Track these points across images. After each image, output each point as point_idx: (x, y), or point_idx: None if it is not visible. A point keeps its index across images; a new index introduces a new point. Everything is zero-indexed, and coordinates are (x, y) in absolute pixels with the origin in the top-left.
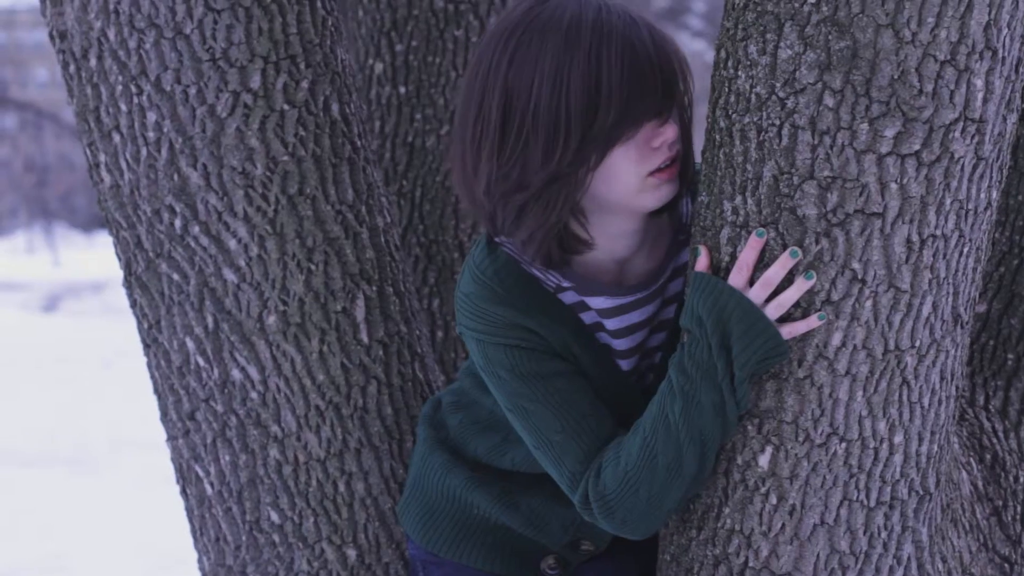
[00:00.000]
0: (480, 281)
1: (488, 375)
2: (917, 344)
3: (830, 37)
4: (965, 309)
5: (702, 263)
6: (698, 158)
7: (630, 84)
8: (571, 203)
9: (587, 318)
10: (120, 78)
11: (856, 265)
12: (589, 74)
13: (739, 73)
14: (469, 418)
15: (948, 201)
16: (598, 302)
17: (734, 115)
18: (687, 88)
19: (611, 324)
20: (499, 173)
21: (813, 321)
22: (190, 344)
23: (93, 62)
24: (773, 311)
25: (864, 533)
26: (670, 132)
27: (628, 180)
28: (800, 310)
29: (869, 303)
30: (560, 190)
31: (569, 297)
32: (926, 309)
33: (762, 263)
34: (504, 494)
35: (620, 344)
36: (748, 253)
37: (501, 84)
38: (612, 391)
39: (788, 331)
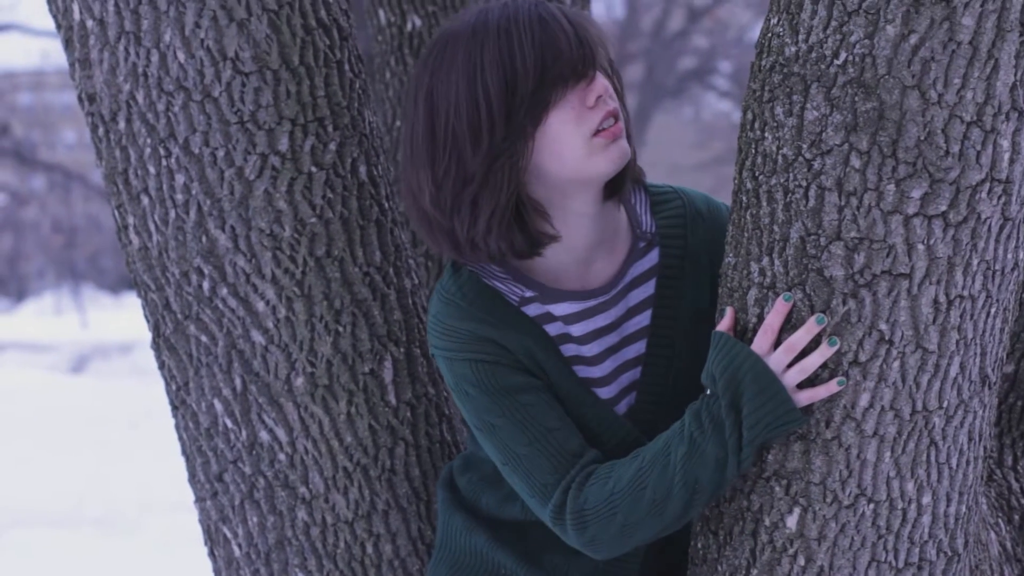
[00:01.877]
0: (445, 299)
1: (458, 394)
2: (945, 405)
3: (856, 98)
4: (993, 369)
5: (725, 323)
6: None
7: (543, 49)
8: (517, 178)
9: (552, 329)
10: (148, 140)
11: (883, 326)
12: (499, 53)
13: (766, 134)
14: (477, 475)
15: (975, 262)
16: (563, 308)
17: (761, 176)
18: (606, 52)
19: (576, 330)
20: (438, 173)
21: (833, 387)
22: (218, 406)
23: (122, 124)
24: (795, 376)
25: None
26: (599, 85)
27: (574, 144)
28: (827, 371)
29: (897, 364)
30: (503, 167)
31: (533, 310)
32: (954, 370)
33: (789, 324)
34: (526, 552)
35: (588, 350)
36: (774, 317)
37: (424, 95)
38: (581, 405)
39: (808, 396)
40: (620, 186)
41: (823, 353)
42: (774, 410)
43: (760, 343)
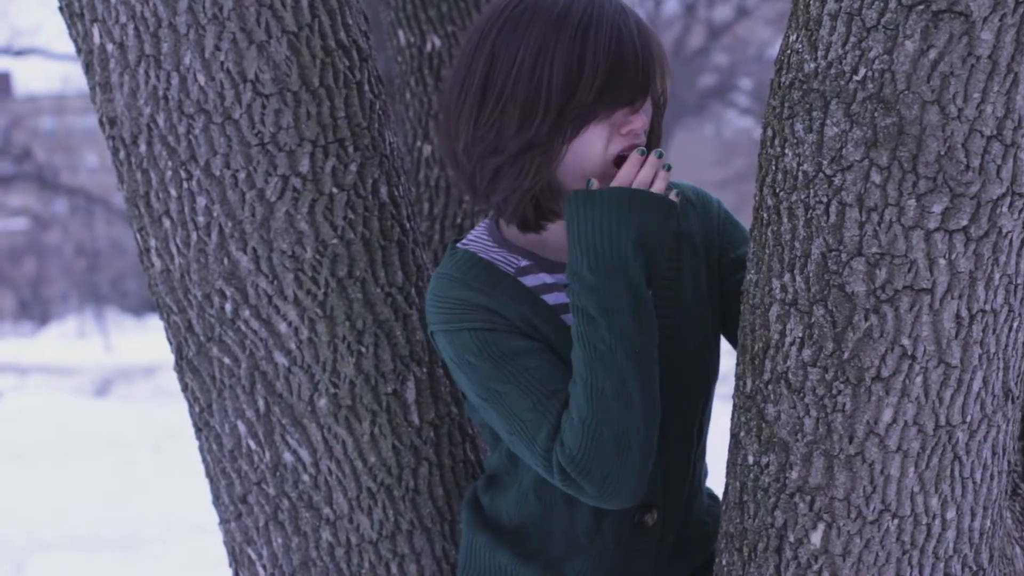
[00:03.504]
0: (441, 275)
1: (460, 367)
2: (968, 419)
3: (876, 114)
4: (1016, 383)
5: None
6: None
7: (612, 66)
8: (545, 173)
9: (552, 299)
10: (170, 163)
11: (906, 341)
12: (572, 51)
13: (786, 151)
14: (497, 489)
15: (997, 276)
16: (562, 278)
17: (781, 193)
18: (663, 85)
19: None
20: (476, 135)
21: (654, 160)
22: (242, 427)
23: (143, 148)
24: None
25: None
26: (639, 122)
27: (594, 161)
28: (850, 386)
29: (919, 379)
30: (535, 158)
31: (531, 280)
32: (976, 384)
33: (811, 340)
34: (549, 566)
35: None
36: (628, 169)
37: (487, 53)
38: None
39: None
40: None
41: (653, 164)
42: (633, 208)
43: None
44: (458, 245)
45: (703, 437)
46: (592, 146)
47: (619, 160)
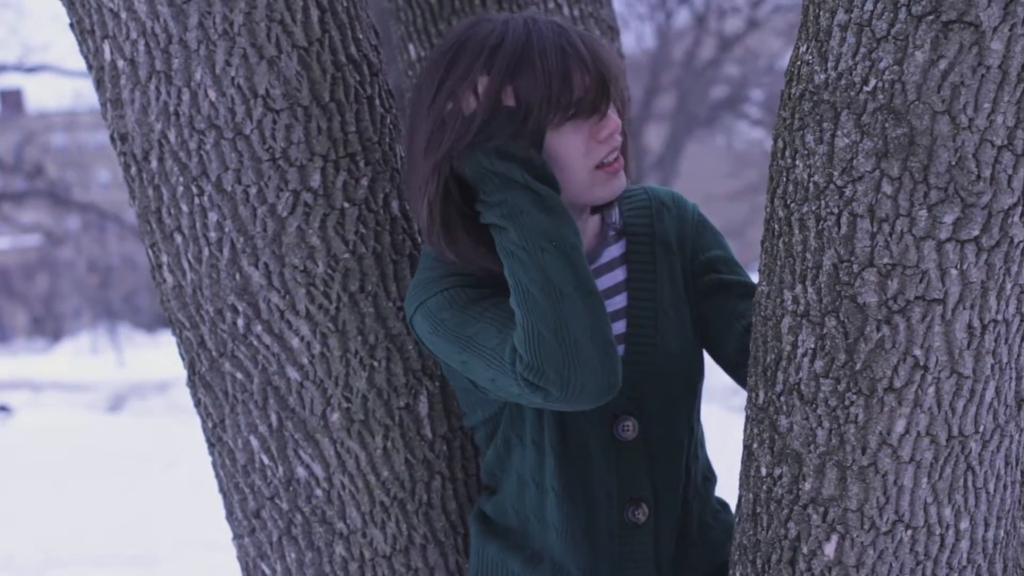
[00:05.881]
0: (416, 275)
1: (436, 330)
2: (981, 429)
3: (887, 125)
4: None
5: None
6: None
7: (562, 83)
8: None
9: None
10: (181, 179)
11: (918, 351)
12: (517, 76)
13: (797, 162)
14: (496, 490)
15: (1009, 286)
16: None
17: (792, 204)
18: (621, 85)
19: None
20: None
21: None
22: (254, 442)
23: (154, 163)
24: None
25: None
26: (612, 123)
27: (578, 172)
28: (863, 397)
29: (932, 389)
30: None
31: None
32: (989, 394)
33: (823, 351)
34: (557, 568)
35: None
36: None
37: (427, 103)
38: None
39: None
40: (610, 207)
41: None
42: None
43: None
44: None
45: (694, 436)
46: (568, 159)
47: (601, 166)
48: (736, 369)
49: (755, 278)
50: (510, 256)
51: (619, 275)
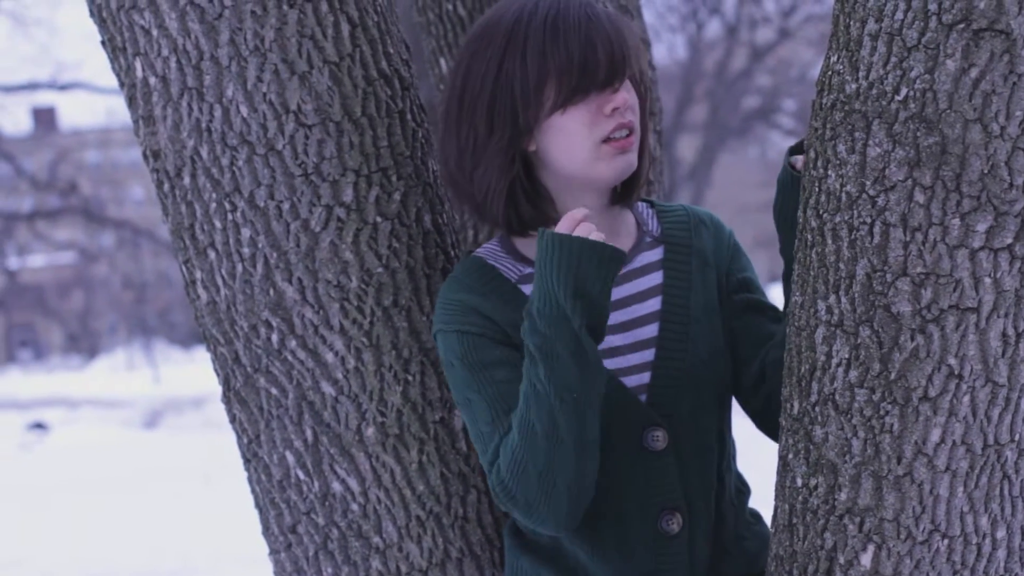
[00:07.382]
0: (448, 279)
1: (447, 369)
2: (1017, 438)
3: (918, 134)
4: None
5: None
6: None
7: (584, 53)
8: (509, 173)
9: None
10: (214, 195)
11: (952, 360)
12: (543, 44)
13: (829, 172)
14: None
15: None
16: None
17: (825, 214)
18: (640, 66)
19: None
20: (459, 147)
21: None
22: (290, 458)
23: (187, 180)
24: None
25: None
26: (620, 97)
27: (583, 145)
28: (897, 407)
29: (967, 398)
30: (502, 158)
31: (531, 289)
32: None
33: (857, 361)
34: None
35: None
36: (568, 222)
37: (462, 71)
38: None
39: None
40: (628, 194)
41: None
42: (568, 251)
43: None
44: (472, 253)
45: (726, 446)
46: (574, 131)
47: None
48: (752, 392)
49: (779, 290)
50: (530, 385)
51: (655, 279)
